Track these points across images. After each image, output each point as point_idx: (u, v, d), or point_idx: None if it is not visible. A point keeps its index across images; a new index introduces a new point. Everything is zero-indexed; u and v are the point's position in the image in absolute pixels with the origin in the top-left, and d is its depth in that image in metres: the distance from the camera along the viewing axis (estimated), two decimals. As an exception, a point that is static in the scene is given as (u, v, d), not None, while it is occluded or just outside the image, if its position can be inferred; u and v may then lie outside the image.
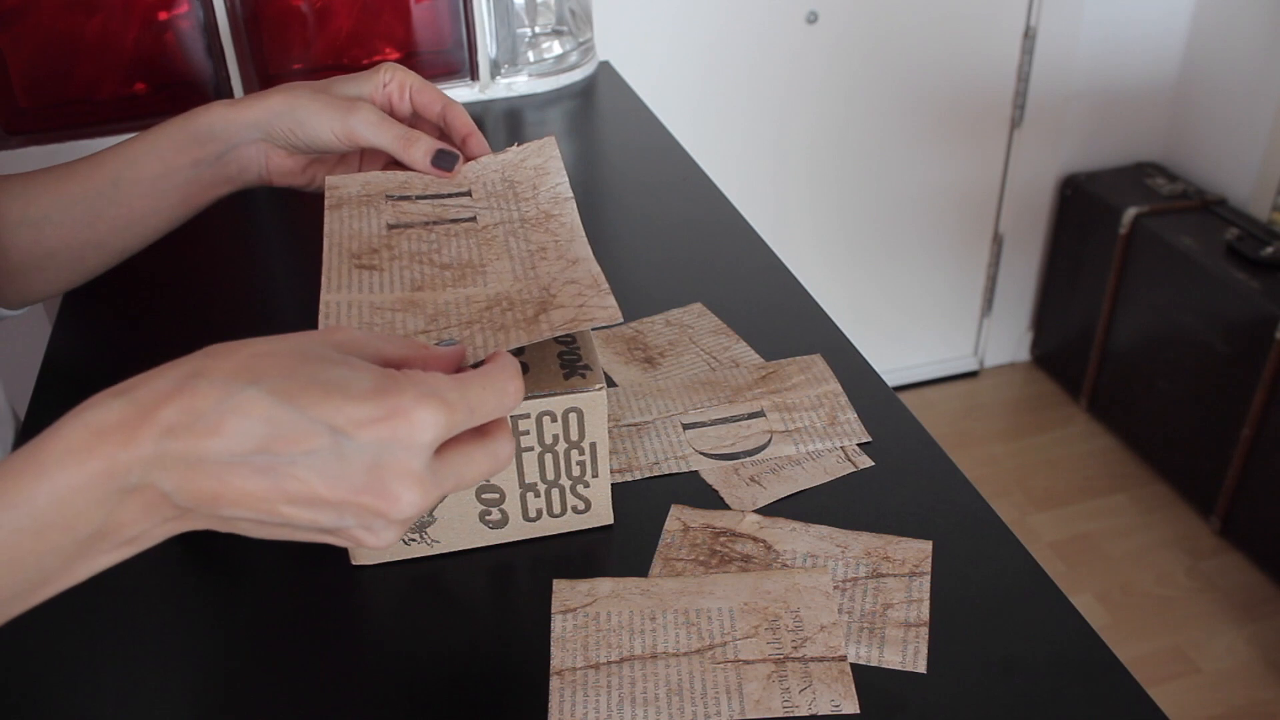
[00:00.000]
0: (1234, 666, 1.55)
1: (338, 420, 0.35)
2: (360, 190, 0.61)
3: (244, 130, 0.64)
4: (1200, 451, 1.77)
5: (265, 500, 0.36)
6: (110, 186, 0.65)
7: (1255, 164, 1.80)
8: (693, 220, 0.88)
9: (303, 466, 0.35)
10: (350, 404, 0.36)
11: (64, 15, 1.03)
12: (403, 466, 0.36)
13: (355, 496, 0.36)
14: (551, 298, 0.51)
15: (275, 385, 0.35)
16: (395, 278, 0.53)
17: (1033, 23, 1.81)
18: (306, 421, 0.35)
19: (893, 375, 2.11)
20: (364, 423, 0.36)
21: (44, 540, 0.35)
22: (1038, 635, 0.49)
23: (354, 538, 0.38)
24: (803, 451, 0.60)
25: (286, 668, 0.49)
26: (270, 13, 1.09)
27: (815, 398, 0.64)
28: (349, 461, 0.36)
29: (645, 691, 0.47)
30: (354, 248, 0.55)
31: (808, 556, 0.53)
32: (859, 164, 1.87)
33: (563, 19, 1.20)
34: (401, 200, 0.60)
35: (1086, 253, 1.96)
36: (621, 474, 0.59)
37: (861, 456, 0.60)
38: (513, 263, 0.54)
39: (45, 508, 0.34)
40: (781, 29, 1.70)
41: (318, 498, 0.36)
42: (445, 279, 0.53)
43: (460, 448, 0.39)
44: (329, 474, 0.36)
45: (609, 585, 0.52)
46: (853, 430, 0.62)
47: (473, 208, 0.60)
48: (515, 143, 0.65)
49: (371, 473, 0.36)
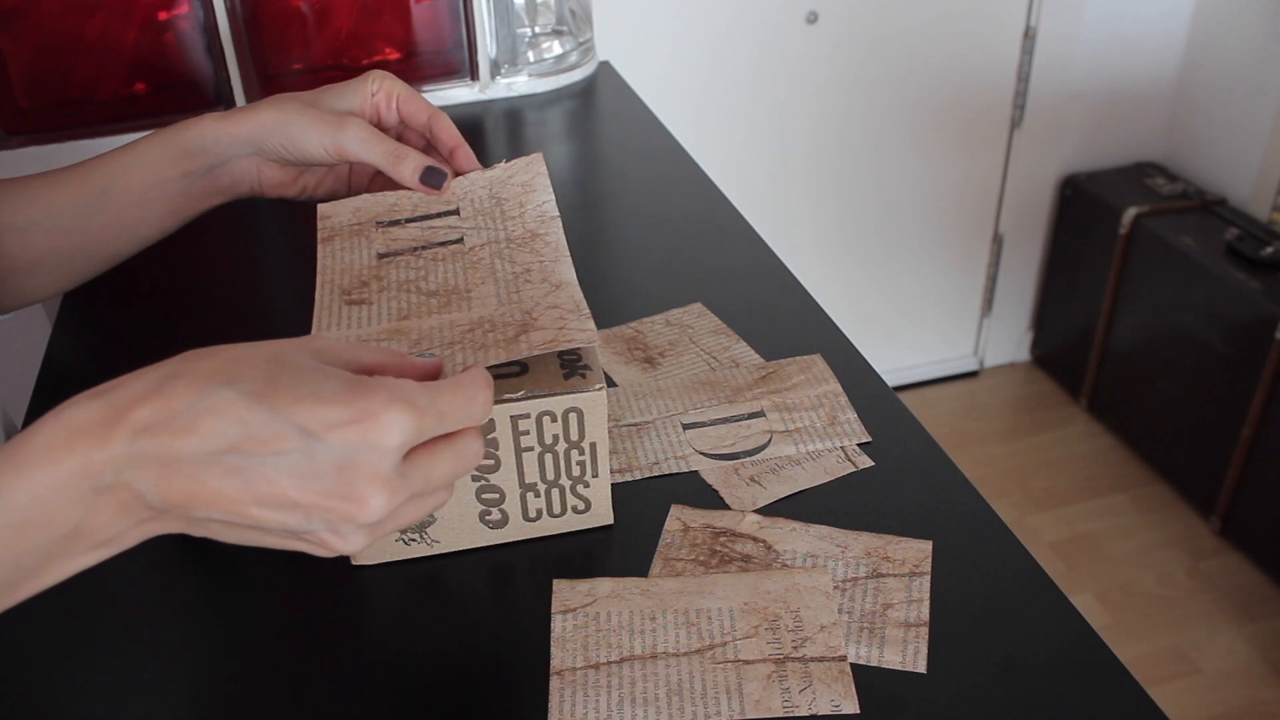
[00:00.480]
0: (1234, 666, 1.55)
1: (308, 422, 0.36)
2: (351, 219, 0.62)
3: (235, 145, 0.64)
4: (1200, 451, 1.77)
5: (236, 501, 0.36)
6: (99, 195, 0.65)
7: (1255, 164, 1.80)
8: (693, 220, 0.88)
9: (272, 467, 0.36)
10: (321, 406, 0.36)
11: (64, 15, 1.03)
12: (371, 469, 0.37)
13: (323, 499, 0.37)
14: (533, 320, 0.52)
15: (249, 388, 0.36)
16: (383, 309, 0.55)
17: (1033, 23, 1.81)
18: (278, 422, 0.36)
19: (893, 375, 2.11)
20: (334, 425, 0.36)
21: (23, 538, 0.35)
22: (1038, 635, 0.49)
23: (322, 541, 0.38)
24: (803, 451, 0.60)
25: (286, 668, 0.49)
26: (270, 13, 1.09)
27: (815, 398, 0.64)
28: (318, 463, 0.36)
29: (645, 691, 0.47)
30: (345, 283, 0.57)
31: (808, 556, 0.53)
32: (859, 164, 1.87)
33: (563, 19, 1.20)
34: (391, 226, 0.61)
35: (1086, 253, 1.96)
36: (621, 474, 0.59)
37: (861, 456, 0.60)
38: (497, 286, 0.56)
39: (24, 505, 0.35)
40: (781, 29, 1.70)
41: (287, 499, 0.36)
42: (431, 306, 0.54)
43: (428, 449, 0.40)
44: (298, 475, 0.36)
45: (609, 585, 0.52)
46: (853, 430, 0.62)
47: (460, 228, 0.61)
48: (504, 158, 0.66)
49: (340, 474, 0.36)
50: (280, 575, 0.54)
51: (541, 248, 0.58)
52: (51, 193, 0.65)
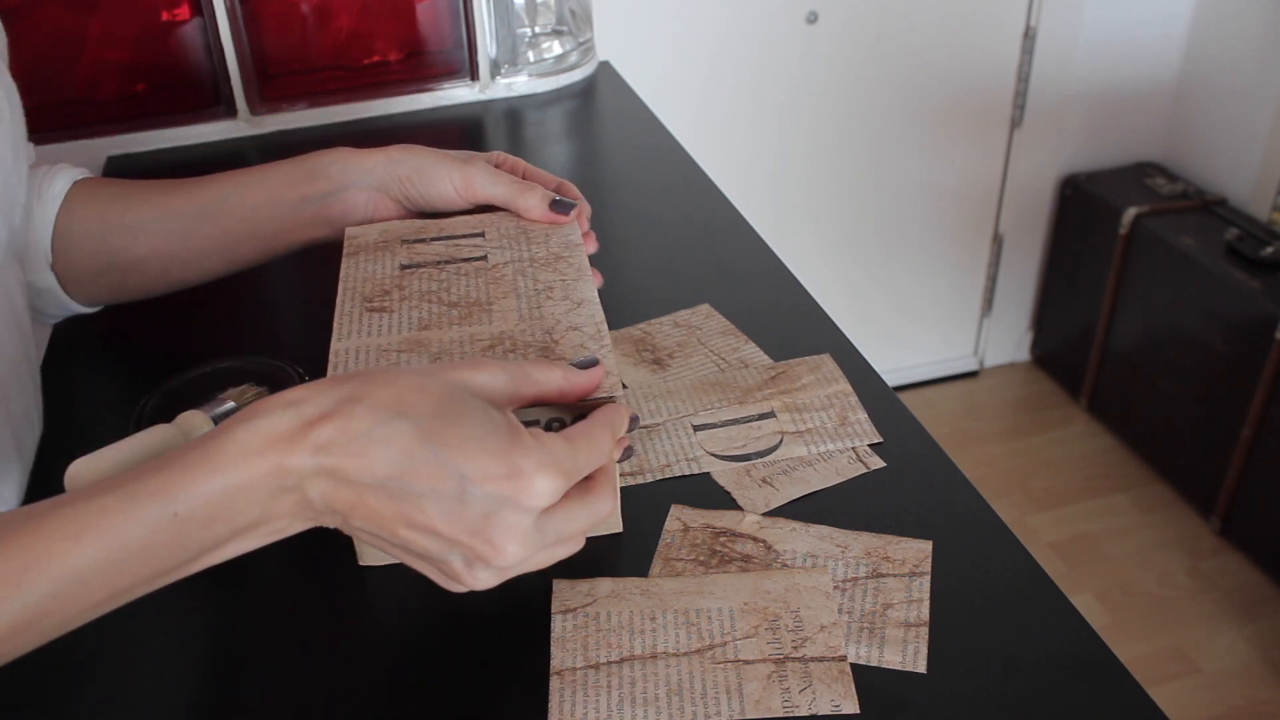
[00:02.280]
0: (1234, 666, 1.55)
1: (467, 469, 0.40)
2: (378, 237, 0.63)
3: (360, 174, 0.64)
4: (1200, 451, 1.77)
5: (389, 521, 0.40)
6: (214, 205, 0.65)
7: (1255, 164, 1.80)
8: (693, 220, 0.88)
9: (428, 500, 0.40)
10: (481, 457, 0.40)
11: (64, 15, 1.03)
12: (513, 522, 0.41)
13: (467, 538, 0.41)
14: (554, 343, 0.53)
15: (422, 423, 0.40)
16: (404, 318, 0.56)
17: (1033, 23, 1.81)
18: (439, 464, 0.40)
19: (893, 375, 2.11)
20: (489, 477, 0.40)
21: (209, 529, 0.39)
22: (1038, 635, 0.49)
23: (455, 572, 0.42)
24: (814, 452, 0.60)
25: (291, 665, 0.49)
26: (270, 13, 1.09)
27: (826, 398, 0.64)
28: (468, 506, 0.40)
29: (645, 692, 0.47)
30: (366, 290, 0.58)
31: (808, 556, 0.53)
32: (859, 164, 1.87)
33: (563, 19, 1.20)
34: (416, 243, 0.62)
35: (1086, 253, 1.96)
36: (633, 476, 0.59)
37: (873, 457, 0.60)
38: (519, 301, 0.57)
39: (216, 501, 0.39)
40: (781, 29, 1.70)
41: (434, 530, 0.40)
42: (452, 317, 0.55)
43: (565, 505, 0.44)
44: (449, 512, 0.40)
45: (609, 585, 0.52)
46: (864, 431, 0.62)
47: (484, 247, 0.62)
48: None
49: (485, 520, 0.40)
50: (284, 575, 0.54)
51: (564, 268, 0.59)
52: (164, 197, 0.67)
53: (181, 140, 1.10)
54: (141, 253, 0.66)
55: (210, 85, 1.10)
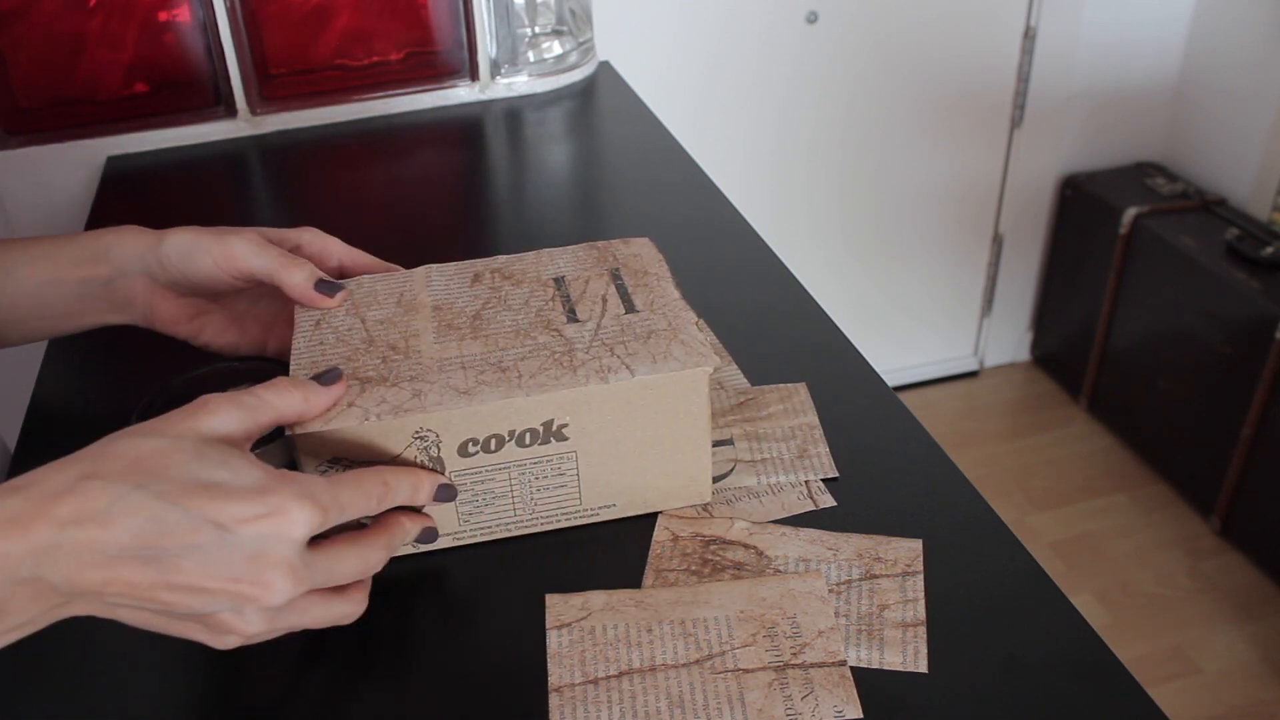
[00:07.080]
0: (1234, 666, 1.55)
1: (221, 517, 0.39)
2: None
3: (131, 259, 0.60)
4: (1200, 451, 1.77)
5: (147, 589, 0.39)
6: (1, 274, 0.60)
7: (1255, 164, 1.80)
8: (693, 220, 0.88)
9: (185, 558, 0.39)
10: (231, 502, 0.40)
11: (64, 15, 1.03)
12: (278, 556, 0.41)
13: (232, 585, 0.40)
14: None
15: (162, 488, 0.39)
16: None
17: (1033, 23, 1.81)
18: (190, 520, 0.39)
19: (893, 375, 2.11)
20: (244, 520, 0.40)
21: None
22: (1038, 635, 0.49)
23: (223, 623, 0.41)
24: (764, 484, 0.58)
25: (286, 685, 0.49)
26: (270, 12, 1.09)
27: (789, 429, 0.62)
28: (230, 551, 0.40)
29: (647, 705, 0.46)
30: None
31: (800, 561, 0.53)
32: (859, 164, 1.87)
33: (563, 19, 1.20)
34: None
35: (1086, 253, 1.95)
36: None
37: (824, 495, 0.58)
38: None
39: None
40: (781, 29, 1.70)
41: (196, 586, 0.39)
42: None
43: (333, 548, 0.44)
44: (209, 563, 0.39)
45: (602, 598, 0.51)
46: (821, 465, 0.60)
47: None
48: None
49: (250, 562, 0.40)
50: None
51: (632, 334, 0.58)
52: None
53: (181, 140, 1.10)
54: None
55: (210, 85, 1.10)
